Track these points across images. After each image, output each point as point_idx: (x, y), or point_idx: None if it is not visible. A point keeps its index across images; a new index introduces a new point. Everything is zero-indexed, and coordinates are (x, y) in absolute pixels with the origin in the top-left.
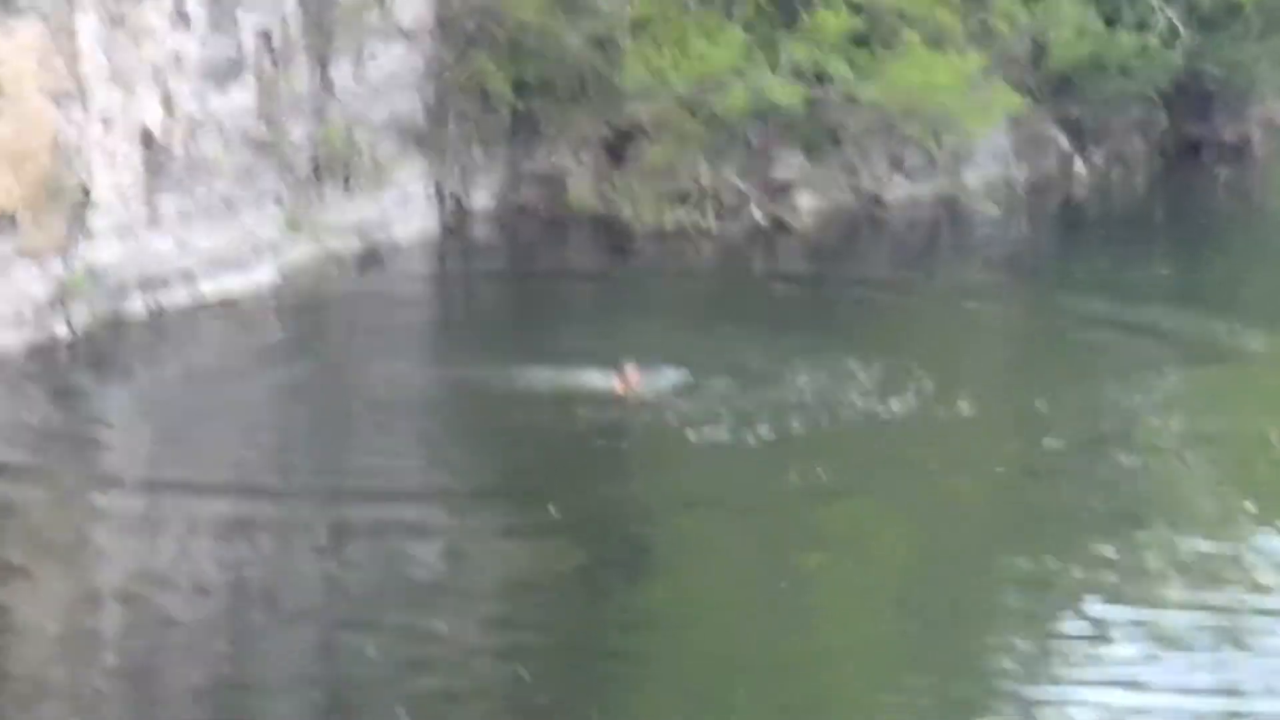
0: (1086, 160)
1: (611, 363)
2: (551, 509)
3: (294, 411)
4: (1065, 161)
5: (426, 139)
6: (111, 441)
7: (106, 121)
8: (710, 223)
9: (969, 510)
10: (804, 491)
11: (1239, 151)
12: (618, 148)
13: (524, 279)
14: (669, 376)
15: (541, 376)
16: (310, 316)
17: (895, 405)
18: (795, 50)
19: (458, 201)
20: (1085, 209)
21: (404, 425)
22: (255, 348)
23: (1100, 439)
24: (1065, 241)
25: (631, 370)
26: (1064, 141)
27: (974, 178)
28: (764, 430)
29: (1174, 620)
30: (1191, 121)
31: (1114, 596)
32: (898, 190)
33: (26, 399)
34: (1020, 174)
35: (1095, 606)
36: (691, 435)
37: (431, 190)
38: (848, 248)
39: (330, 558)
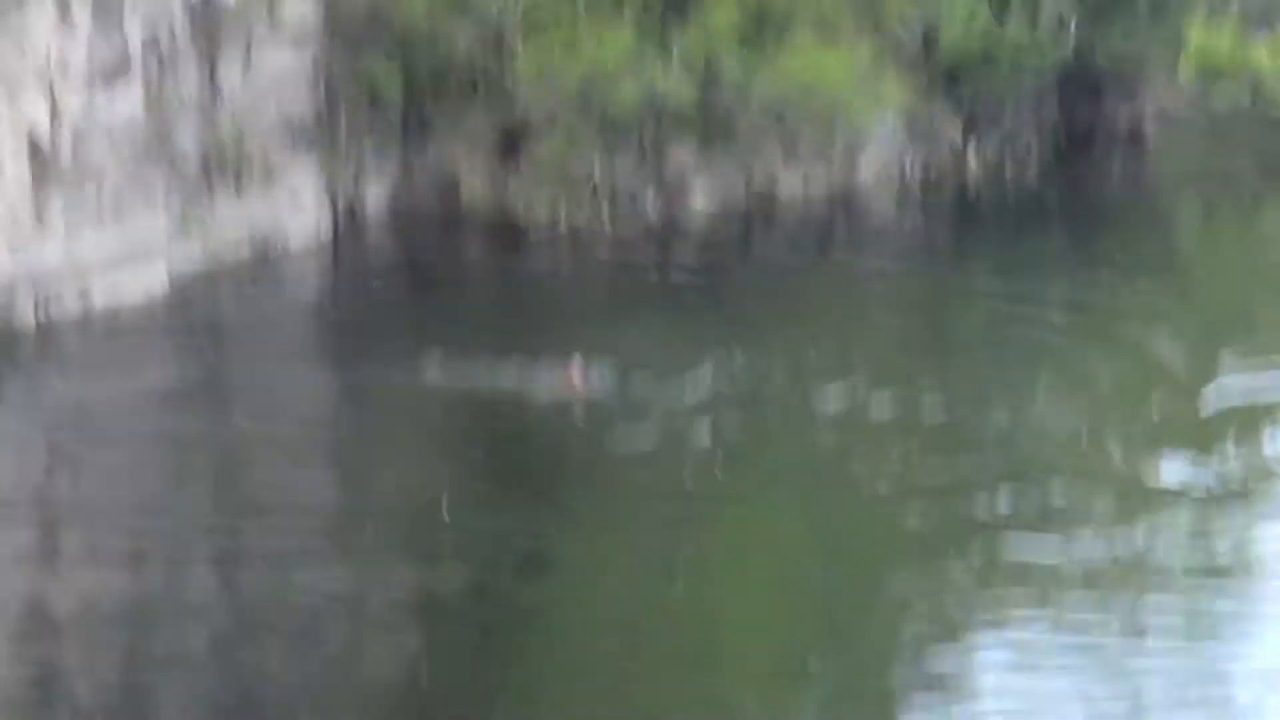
0: (979, 151)
1: (518, 362)
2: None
3: (185, 427)
4: (957, 153)
5: (317, 140)
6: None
7: None
8: (604, 219)
9: (864, 512)
10: (704, 496)
11: (1131, 139)
12: (510, 146)
13: (420, 279)
14: (598, 374)
15: (446, 377)
16: (202, 320)
17: (796, 397)
18: (685, 45)
19: (350, 202)
20: (978, 199)
21: (302, 434)
22: (145, 357)
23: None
24: (958, 233)
25: (576, 367)
26: (955, 134)
27: (867, 170)
28: (669, 429)
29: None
30: (1083, 110)
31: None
32: (791, 183)
33: None
34: (913, 165)
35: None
36: (599, 436)
37: (323, 191)
38: (742, 241)
39: (220, 586)
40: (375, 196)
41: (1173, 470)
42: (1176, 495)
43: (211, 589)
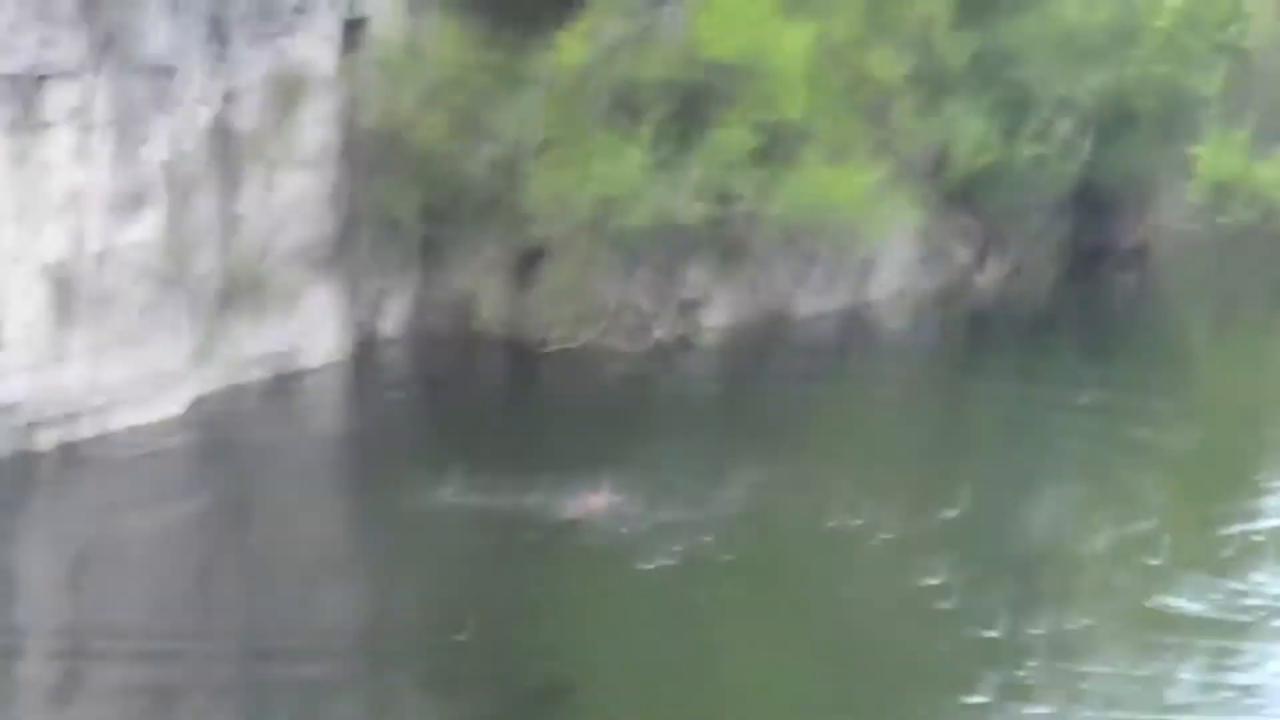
0: (988, 270)
1: (538, 483)
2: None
3: (204, 554)
4: (968, 271)
5: (333, 265)
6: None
7: (14, 259)
8: (617, 341)
9: (875, 648)
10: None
11: (1138, 256)
12: (525, 269)
13: (437, 402)
14: (616, 499)
15: (467, 497)
16: (221, 445)
17: (812, 513)
18: (698, 167)
19: (368, 324)
20: (989, 317)
21: (322, 560)
22: (164, 482)
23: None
24: (968, 351)
25: (600, 492)
26: (966, 253)
27: (879, 289)
28: (688, 550)
29: None
30: (1091, 229)
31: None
32: (804, 304)
33: None
34: (924, 284)
35: None
36: (616, 559)
37: (340, 316)
38: (755, 361)
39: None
40: (393, 318)
41: (1196, 595)
42: (1198, 622)
43: (230, 716)
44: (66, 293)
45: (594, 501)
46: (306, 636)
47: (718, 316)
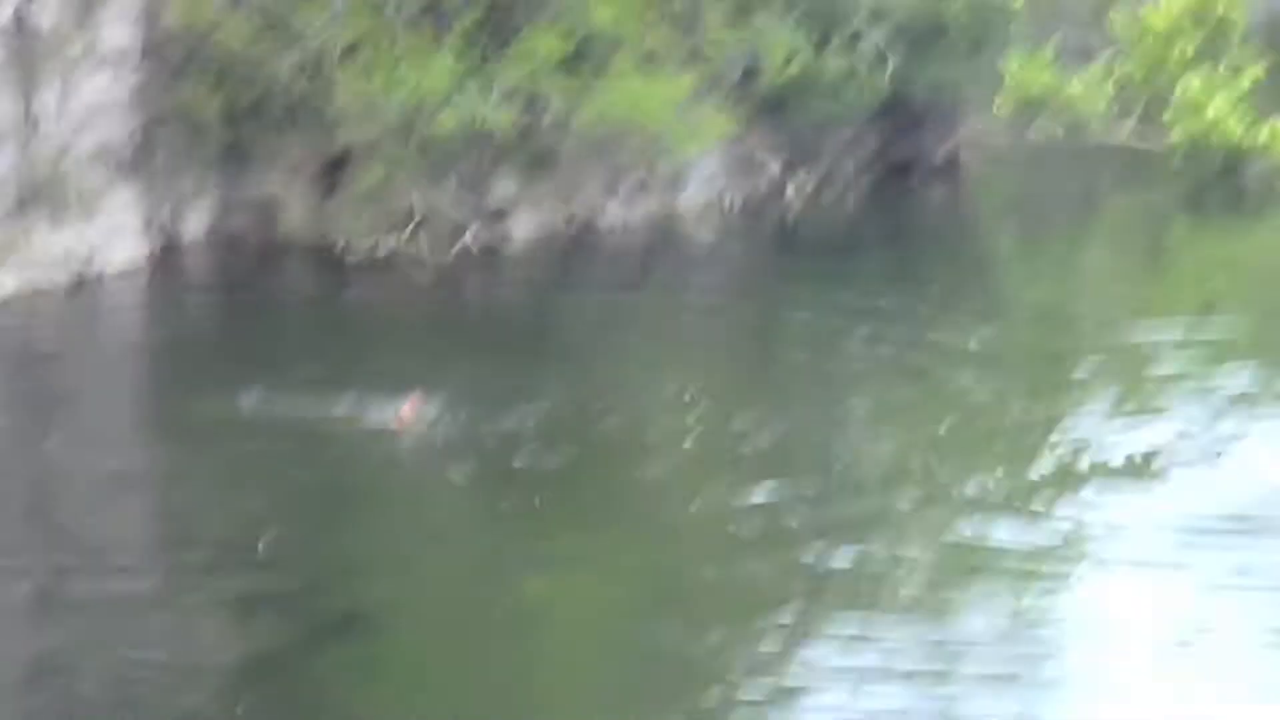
0: (797, 183)
1: (341, 393)
2: (260, 546)
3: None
4: (777, 184)
5: (135, 168)
6: None
7: None
8: (424, 249)
9: (683, 567)
10: (521, 523)
11: (948, 170)
12: (330, 175)
13: (240, 308)
14: (427, 409)
15: (269, 407)
16: (16, 350)
17: (620, 427)
18: (507, 74)
19: (168, 231)
20: (798, 229)
21: (118, 472)
22: None
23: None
24: (777, 261)
25: (414, 401)
26: (775, 165)
27: (687, 201)
28: (494, 459)
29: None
30: (901, 142)
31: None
32: (611, 215)
33: None
34: (733, 197)
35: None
36: (425, 466)
37: (141, 220)
38: (563, 271)
39: (30, 633)
40: (196, 223)
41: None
42: (996, 552)
43: (21, 635)
44: None
45: (405, 412)
46: (100, 552)
47: (526, 226)
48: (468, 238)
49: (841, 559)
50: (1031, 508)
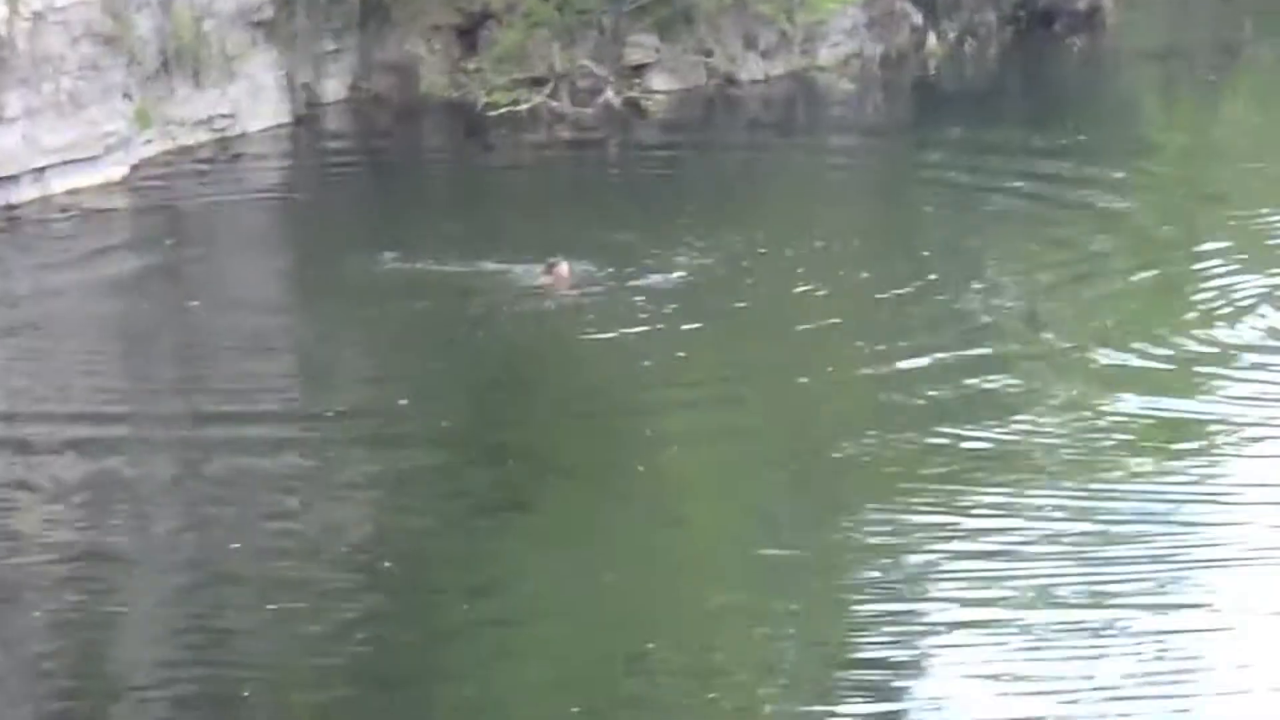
0: (939, 34)
1: (485, 252)
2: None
3: (143, 316)
4: (918, 36)
5: (275, 29)
6: None
7: None
8: (564, 107)
9: (831, 436)
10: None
11: (1090, 18)
12: (470, 34)
13: (381, 168)
14: (578, 266)
15: (413, 267)
16: (160, 210)
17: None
18: None
19: (309, 92)
20: (938, 80)
21: (262, 325)
22: (104, 246)
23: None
24: (918, 111)
25: (562, 265)
26: (916, 16)
27: (828, 55)
28: (648, 324)
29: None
30: None
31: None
32: (751, 69)
33: None
34: (874, 49)
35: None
36: (575, 326)
37: (282, 81)
38: (704, 126)
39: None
40: (335, 85)
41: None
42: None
43: (172, 476)
44: (4, 54)
45: (556, 272)
46: (245, 399)
47: (666, 82)
48: (609, 94)
49: (985, 428)
50: (1192, 370)
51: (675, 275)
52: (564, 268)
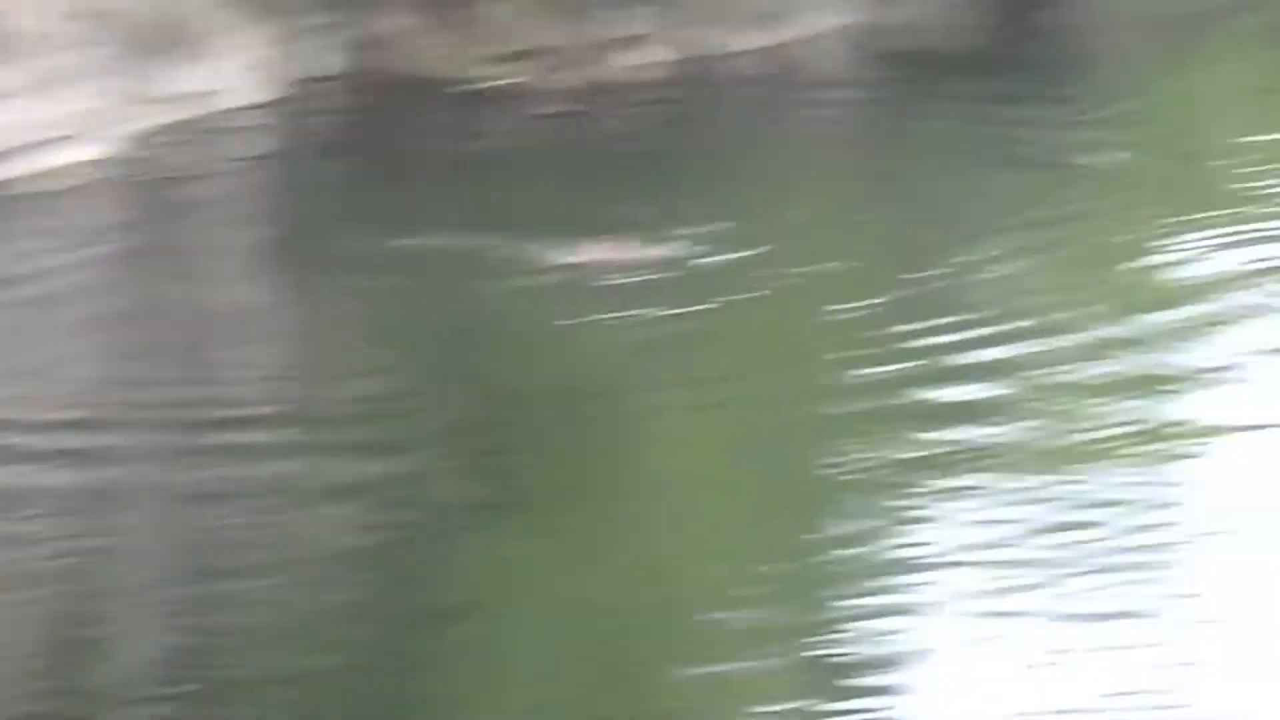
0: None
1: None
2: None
3: (133, 296)
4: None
5: (260, 4)
6: None
7: None
8: (557, 81)
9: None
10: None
11: None
12: (461, 7)
13: (372, 144)
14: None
15: (412, 245)
16: (146, 188)
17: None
18: None
19: (295, 68)
20: (933, 50)
21: (258, 304)
22: (88, 224)
23: None
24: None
25: (609, 244)
26: None
27: (826, 26)
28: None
29: None
30: None
31: None
32: (747, 41)
33: None
34: (867, 20)
35: None
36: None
37: (267, 56)
38: (699, 99)
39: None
40: (322, 62)
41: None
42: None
43: (166, 472)
44: None
45: (608, 253)
46: (230, 402)
47: (661, 55)
48: (602, 68)
49: (985, 428)
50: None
51: (692, 253)
52: (605, 245)
